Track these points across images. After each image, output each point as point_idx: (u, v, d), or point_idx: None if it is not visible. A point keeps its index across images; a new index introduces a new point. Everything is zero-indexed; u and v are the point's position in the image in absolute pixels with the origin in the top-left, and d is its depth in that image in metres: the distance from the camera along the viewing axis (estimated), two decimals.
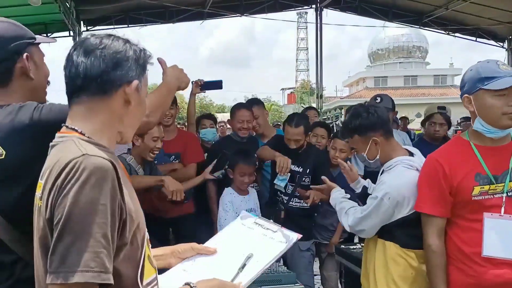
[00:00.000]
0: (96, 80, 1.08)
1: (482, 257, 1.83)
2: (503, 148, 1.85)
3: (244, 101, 4.41)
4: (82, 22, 8.78)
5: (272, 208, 3.37)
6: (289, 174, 3.17)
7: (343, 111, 23.23)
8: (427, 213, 1.95)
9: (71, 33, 8.40)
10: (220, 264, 1.36)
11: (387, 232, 2.11)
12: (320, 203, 3.30)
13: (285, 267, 2.75)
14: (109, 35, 1.13)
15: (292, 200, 3.35)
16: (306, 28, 51.26)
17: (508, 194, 1.81)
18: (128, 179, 1.15)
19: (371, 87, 40.87)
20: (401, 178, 2.07)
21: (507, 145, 1.86)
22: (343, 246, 3.18)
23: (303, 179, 3.33)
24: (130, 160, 2.95)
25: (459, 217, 1.91)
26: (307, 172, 3.30)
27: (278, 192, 3.39)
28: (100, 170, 0.99)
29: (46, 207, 1.01)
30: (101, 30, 9.21)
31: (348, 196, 2.42)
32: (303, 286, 2.46)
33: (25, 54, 1.43)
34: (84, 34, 8.89)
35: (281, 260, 3.22)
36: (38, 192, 1.09)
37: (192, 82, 3.82)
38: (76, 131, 1.10)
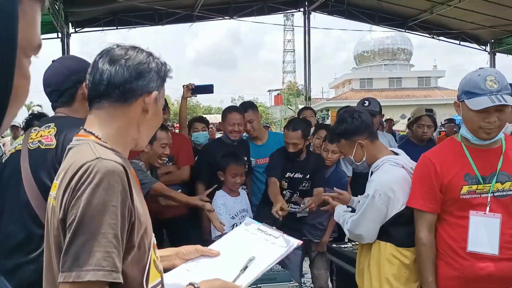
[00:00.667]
0: (118, 88, 1.14)
1: (467, 252, 1.94)
2: (493, 151, 1.96)
3: (231, 103, 4.46)
4: (70, 23, 8.71)
5: (265, 208, 3.41)
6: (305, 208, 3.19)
7: (329, 113, 23.45)
8: (418, 208, 2.07)
9: (59, 35, 8.35)
10: (223, 265, 1.41)
11: (383, 232, 2.21)
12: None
13: (280, 266, 2.82)
14: (134, 47, 1.19)
15: (288, 206, 3.42)
16: (293, 30, 51.49)
17: (495, 194, 1.92)
18: (138, 184, 1.20)
19: (357, 89, 41.24)
20: (388, 174, 2.19)
21: (497, 148, 1.96)
22: (334, 245, 3.25)
23: (303, 184, 3.43)
24: (142, 165, 3.00)
25: (448, 214, 2.03)
26: (307, 177, 3.41)
27: None
28: (112, 174, 1.03)
29: (60, 207, 1.06)
30: (90, 32, 9.20)
31: (350, 209, 2.51)
32: (297, 284, 2.53)
33: (84, 83, 1.72)
34: (72, 36, 8.86)
35: None
36: (52, 192, 1.14)
37: (183, 86, 3.89)
38: (93, 134, 1.14)
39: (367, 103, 3.79)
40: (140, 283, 1.11)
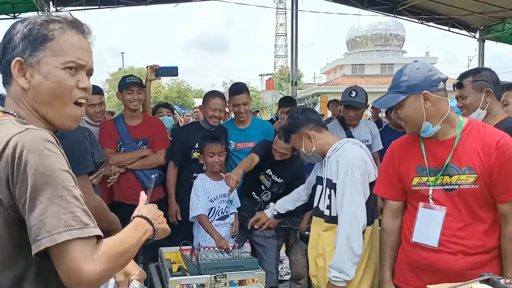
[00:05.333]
0: None
1: (412, 241, 1.98)
2: (445, 143, 1.90)
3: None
4: (51, 2, 8.51)
5: (245, 199, 3.38)
6: (232, 196, 3.16)
7: (319, 98, 23.38)
8: (380, 195, 2.15)
9: (40, 14, 8.12)
10: None
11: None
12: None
13: (249, 253, 2.79)
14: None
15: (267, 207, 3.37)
16: (285, 13, 50.91)
17: (444, 187, 1.89)
18: None
19: (349, 75, 41.15)
20: (352, 150, 2.31)
21: (450, 140, 1.89)
22: (307, 232, 3.24)
23: (281, 189, 3.36)
24: None
25: (409, 203, 2.06)
26: (287, 183, 3.33)
27: (254, 194, 3.40)
28: (46, 141, 1.03)
29: None
30: (72, 10, 8.95)
31: None
32: (264, 272, 2.49)
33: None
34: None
35: (245, 245, 3.26)
36: None
37: (146, 67, 3.74)
38: (12, 114, 1.14)
39: (354, 93, 3.66)
40: None
